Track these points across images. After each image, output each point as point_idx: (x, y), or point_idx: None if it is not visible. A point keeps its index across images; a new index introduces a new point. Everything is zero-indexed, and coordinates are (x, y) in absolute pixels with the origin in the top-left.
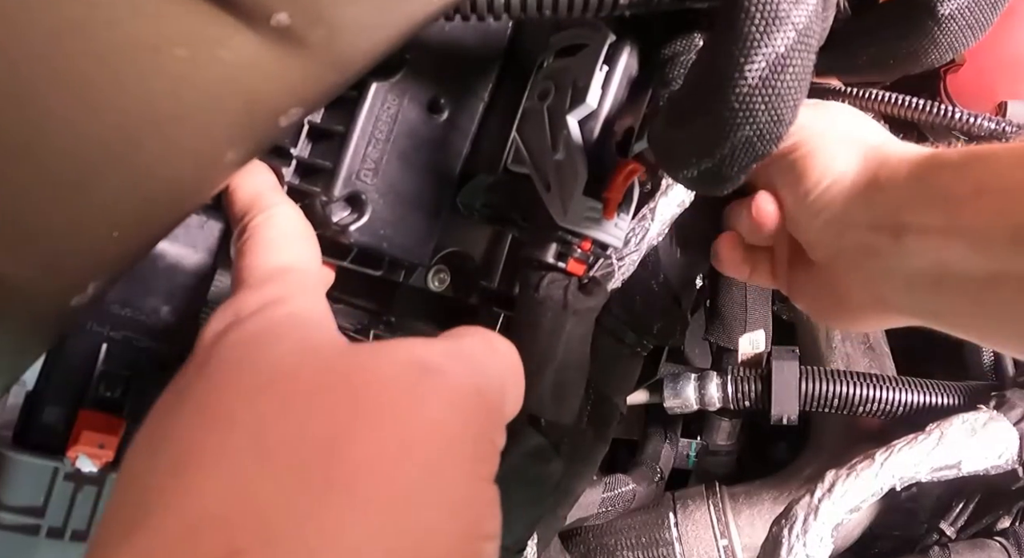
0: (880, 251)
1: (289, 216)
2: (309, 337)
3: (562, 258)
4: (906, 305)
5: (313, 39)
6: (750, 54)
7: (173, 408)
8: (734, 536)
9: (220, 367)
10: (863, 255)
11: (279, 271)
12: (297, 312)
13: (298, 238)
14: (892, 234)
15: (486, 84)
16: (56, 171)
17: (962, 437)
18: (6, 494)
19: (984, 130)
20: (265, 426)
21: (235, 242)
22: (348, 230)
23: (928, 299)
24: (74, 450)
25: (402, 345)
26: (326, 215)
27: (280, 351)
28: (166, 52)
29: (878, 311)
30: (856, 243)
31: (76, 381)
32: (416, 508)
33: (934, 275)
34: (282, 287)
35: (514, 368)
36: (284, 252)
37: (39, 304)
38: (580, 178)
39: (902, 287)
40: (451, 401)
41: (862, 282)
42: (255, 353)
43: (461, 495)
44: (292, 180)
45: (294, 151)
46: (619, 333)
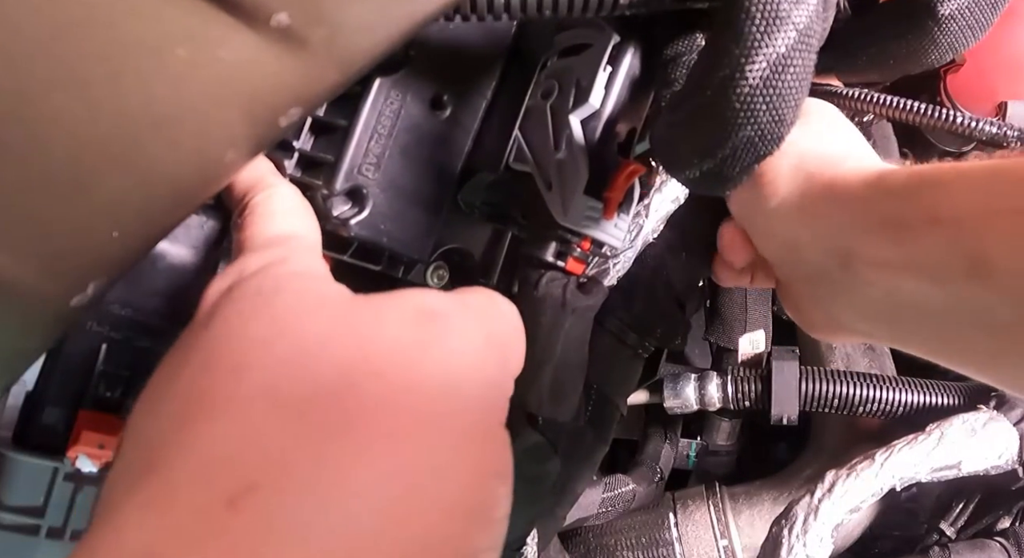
0: (830, 279)
1: (288, 193)
2: (315, 289)
3: (561, 257)
4: (862, 330)
5: (313, 39)
6: (751, 54)
7: (178, 363)
8: (734, 536)
9: (226, 320)
10: (815, 281)
11: (280, 237)
12: (300, 270)
13: (297, 212)
14: (841, 262)
15: (489, 82)
16: (56, 171)
17: (962, 437)
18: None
19: (985, 134)
20: (276, 373)
21: (235, 219)
22: (348, 224)
23: (883, 326)
24: (74, 450)
25: (408, 294)
26: (327, 208)
27: (287, 301)
28: (166, 52)
29: (834, 331)
30: (808, 269)
31: (76, 381)
32: (426, 447)
33: (887, 304)
34: (283, 250)
35: (517, 326)
36: (284, 222)
37: (39, 304)
38: (581, 177)
39: (856, 313)
40: (457, 345)
41: (818, 306)
42: (261, 305)
43: (470, 434)
44: (294, 173)
45: (296, 144)
46: (621, 334)
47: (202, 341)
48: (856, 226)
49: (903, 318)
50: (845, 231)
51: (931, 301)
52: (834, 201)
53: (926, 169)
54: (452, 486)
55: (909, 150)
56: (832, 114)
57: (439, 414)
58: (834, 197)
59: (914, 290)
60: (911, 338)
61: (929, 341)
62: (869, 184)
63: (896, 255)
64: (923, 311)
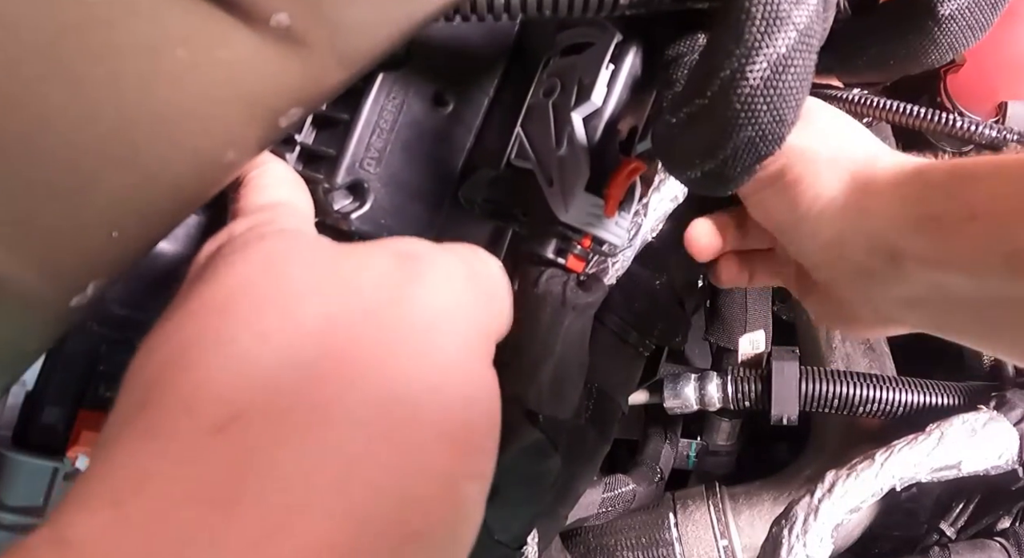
0: (877, 275)
1: (280, 168)
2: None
3: (562, 254)
4: (909, 321)
5: (313, 39)
6: (751, 55)
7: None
8: (734, 536)
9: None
10: (862, 278)
11: (270, 204)
12: (289, 229)
13: (288, 184)
14: (888, 259)
15: (492, 79)
16: (56, 171)
17: (962, 437)
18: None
19: (985, 138)
20: (261, 311)
21: (229, 193)
22: (349, 218)
23: (930, 316)
24: (74, 450)
25: (390, 240)
26: (328, 202)
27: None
28: (166, 52)
29: (883, 325)
30: (854, 267)
31: (76, 381)
32: (409, 379)
33: (932, 297)
34: (272, 213)
35: (501, 275)
36: (274, 192)
37: (39, 304)
38: (583, 175)
39: (903, 306)
40: (438, 280)
41: (864, 301)
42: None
43: (452, 365)
44: (295, 166)
45: (298, 138)
46: (622, 333)
47: (193, 292)
48: (900, 222)
49: (952, 312)
50: (890, 228)
51: (973, 295)
52: (879, 197)
53: (964, 163)
54: (436, 418)
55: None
56: (840, 115)
57: (422, 350)
58: (879, 193)
59: (956, 284)
60: (958, 329)
61: (974, 332)
62: (909, 180)
63: (937, 250)
64: (967, 304)
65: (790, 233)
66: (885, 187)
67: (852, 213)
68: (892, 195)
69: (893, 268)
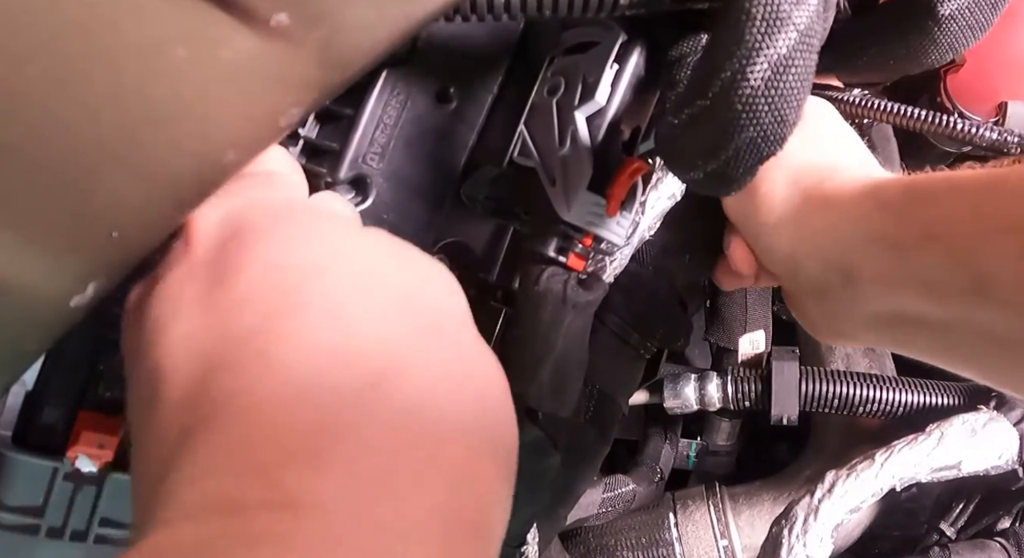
0: (833, 292)
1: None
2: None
3: (563, 252)
4: (867, 339)
5: (313, 39)
6: (752, 56)
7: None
8: (734, 536)
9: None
10: (819, 294)
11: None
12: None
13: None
14: (843, 277)
15: (496, 77)
16: (56, 171)
17: (962, 437)
18: (6, 494)
19: (985, 140)
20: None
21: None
22: None
23: (888, 336)
24: (74, 450)
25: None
26: None
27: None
28: (166, 52)
29: (845, 340)
30: (810, 282)
31: (76, 381)
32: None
33: (890, 316)
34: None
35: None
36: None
37: (39, 304)
38: (585, 174)
39: (860, 325)
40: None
41: (821, 317)
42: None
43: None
44: (298, 160)
45: (301, 132)
46: (623, 334)
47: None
48: (854, 242)
49: (907, 329)
50: (844, 247)
51: (933, 315)
52: (831, 216)
53: (919, 181)
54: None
55: (908, 150)
56: (829, 116)
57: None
58: (831, 212)
59: (916, 305)
60: (915, 347)
61: (933, 350)
62: (864, 198)
63: (895, 271)
64: (926, 324)
65: (752, 241)
66: (840, 205)
67: (805, 231)
68: (847, 214)
69: (848, 287)
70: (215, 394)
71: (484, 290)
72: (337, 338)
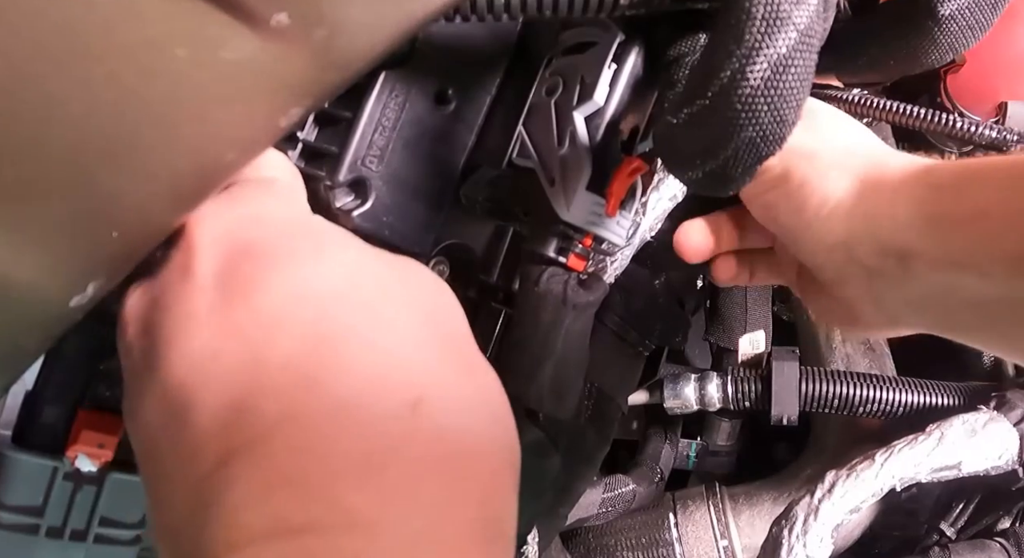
0: (887, 275)
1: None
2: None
3: (563, 253)
4: (917, 322)
5: (313, 39)
6: (752, 55)
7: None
8: (734, 536)
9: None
10: (871, 279)
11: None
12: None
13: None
14: (898, 261)
15: (494, 78)
16: (55, 171)
17: (962, 438)
18: (6, 494)
19: (985, 139)
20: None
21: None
22: (351, 215)
23: (937, 316)
24: (73, 450)
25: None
26: (330, 199)
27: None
28: (166, 52)
29: (888, 325)
30: (863, 267)
31: (76, 381)
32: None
33: (941, 298)
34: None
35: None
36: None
37: (38, 304)
38: (584, 174)
39: (912, 307)
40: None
41: (872, 302)
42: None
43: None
44: (297, 163)
45: (300, 135)
46: (622, 333)
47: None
48: (910, 223)
49: (959, 312)
50: (900, 229)
51: (981, 295)
52: (887, 199)
53: (972, 163)
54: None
55: (908, 150)
56: (841, 116)
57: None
58: (887, 195)
59: (965, 285)
60: (965, 330)
61: (981, 332)
62: (918, 181)
63: (947, 250)
64: (976, 305)
65: (795, 235)
66: (894, 189)
67: (860, 216)
68: (901, 197)
69: (903, 269)
70: (258, 419)
71: (484, 291)
72: (375, 364)
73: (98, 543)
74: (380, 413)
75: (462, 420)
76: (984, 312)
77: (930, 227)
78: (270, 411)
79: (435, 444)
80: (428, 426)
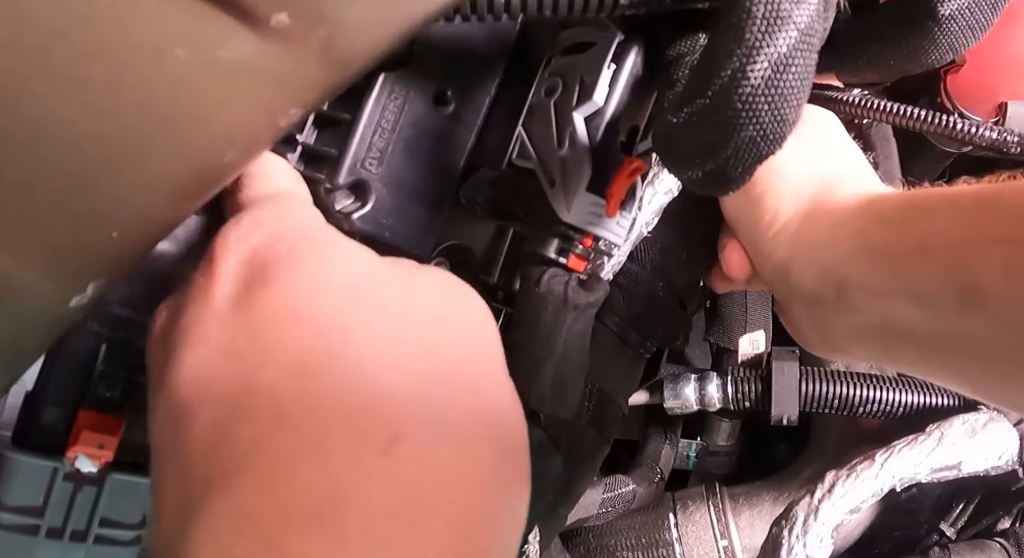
0: (825, 303)
1: (281, 162)
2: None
3: (563, 254)
4: (857, 351)
5: (313, 39)
6: (752, 55)
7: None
8: (734, 537)
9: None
10: (811, 304)
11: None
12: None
13: (291, 175)
14: (836, 288)
15: (493, 79)
16: (55, 172)
17: (962, 438)
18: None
19: (985, 139)
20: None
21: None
22: (351, 218)
23: (877, 347)
24: (73, 450)
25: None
26: (329, 202)
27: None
28: (166, 53)
29: (831, 351)
30: (802, 292)
31: (76, 381)
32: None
33: (881, 329)
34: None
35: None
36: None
37: (38, 304)
38: (584, 174)
39: (850, 337)
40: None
41: (813, 327)
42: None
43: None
44: (297, 166)
45: (299, 138)
46: (623, 334)
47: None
48: (852, 253)
49: (897, 343)
50: (841, 258)
51: (924, 327)
52: (829, 228)
53: (916, 196)
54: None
55: (908, 150)
56: (831, 125)
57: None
58: (829, 224)
59: (907, 317)
60: (905, 361)
61: (923, 364)
62: (863, 211)
63: (889, 283)
64: (916, 337)
65: (749, 248)
66: (839, 217)
67: (803, 241)
68: (845, 226)
69: (841, 299)
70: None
71: (484, 292)
72: (354, 397)
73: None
74: (347, 453)
75: (446, 458)
76: (924, 344)
77: (872, 260)
78: (245, 441)
79: (405, 488)
80: (399, 468)
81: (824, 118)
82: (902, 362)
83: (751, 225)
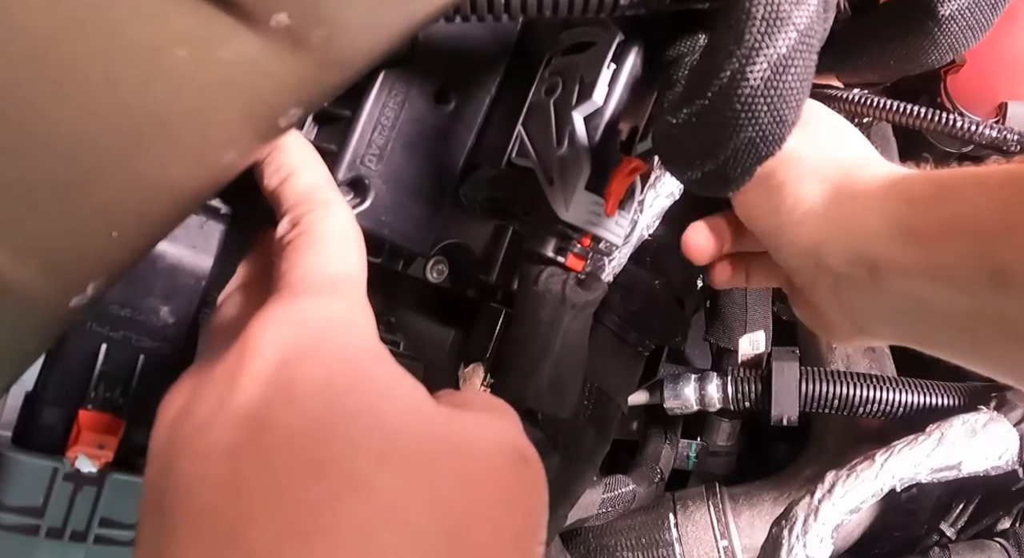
0: (856, 284)
1: (346, 218)
2: (401, 389)
3: (561, 253)
4: (886, 332)
5: (313, 39)
6: (752, 56)
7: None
8: (734, 537)
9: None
10: (840, 286)
11: (336, 280)
12: (370, 345)
13: (353, 243)
14: (868, 270)
15: (493, 78)
16: (56, 171)
17: (962, 438)
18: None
19: (985, 138)
20: (400, 499)
21: (283, 234)
22: None
23: (908, 330)
24: (73, 450)
25: (498, 426)
26: None
27: (385, 410)
28: (166, 53)
29: (860, 334)
30: (833, 275)
31: (76, 381)
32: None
33: (913, 309)
34: (344, 304)
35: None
36: (339, 259)
37: (38, 304)
38: (583, 173)
39: (881, 318)
40: (540, 488)
41: (841, 310)
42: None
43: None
44: None
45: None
46: (621, 332)
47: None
48: (881, 234)
49: (928, 323)
50: (871, 238)
51: (955, 308)
52: (859, 209)
53: (944, 175)
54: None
55: (908, 150)
56: (836, 119)
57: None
58: (858, 205)
59: (938, 297)
60: (936, 342)
61: (953, 346)
62: (891, 192)
63: (920, 262)
64: (947, 317)
65: (770, 237)
66: (867, 198)
67: (832, 223)
68: (874, 207)
69: (873, 279)
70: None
71: (484, 291)
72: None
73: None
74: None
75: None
76: (959, 327)
77: (902, 239)
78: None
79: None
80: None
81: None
82: (933, 343)
83: (771, 213)
